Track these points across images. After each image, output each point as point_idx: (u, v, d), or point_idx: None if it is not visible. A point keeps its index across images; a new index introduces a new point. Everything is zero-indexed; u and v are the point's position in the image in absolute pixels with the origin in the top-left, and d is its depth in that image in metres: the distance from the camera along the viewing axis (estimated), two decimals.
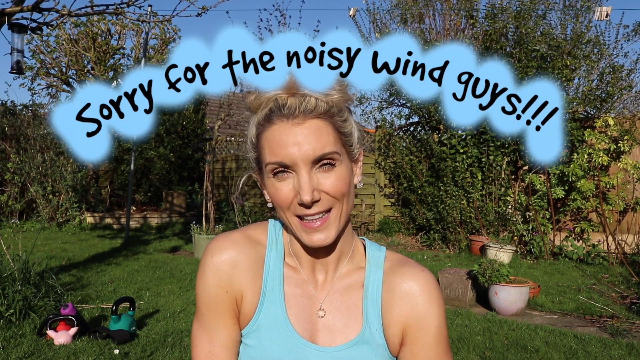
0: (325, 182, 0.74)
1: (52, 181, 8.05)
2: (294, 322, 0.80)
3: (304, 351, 0.79)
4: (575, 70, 6.02)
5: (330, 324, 0.81)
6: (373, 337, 0.80)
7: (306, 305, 0.81)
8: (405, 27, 7.29)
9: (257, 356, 0.80)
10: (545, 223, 5.75)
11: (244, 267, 0.81)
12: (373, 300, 0.81)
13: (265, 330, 0.80)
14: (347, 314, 0.81)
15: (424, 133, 7.04)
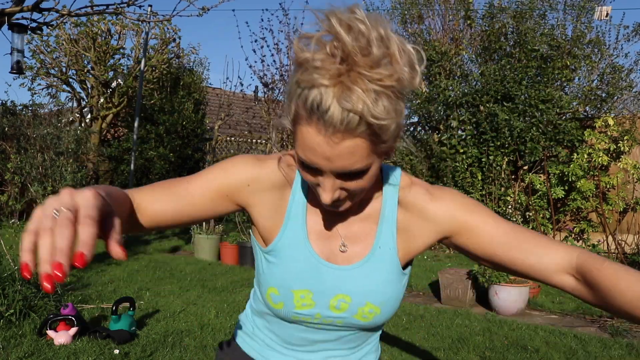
0: (351, 184, 0.75)
1: (52, 181, 8.05)
2: (315, 245, 0.87)
3: (322, 269, 0.86)
4: (575, 70, 6.02)
5: (350, 247, 0.88)
6: (385, 255, 0.87)
7: (325, 232, 0.88)
8: (405, 28, 7.29)
9: (278, 272, 0.87)
10: (545, 223, 5.75)
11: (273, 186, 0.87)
12: (388, 224, 0.87)
13: (287, 251, 0.86)
14: (363, 237, 0.88)
15: (424, 133, 7.04)
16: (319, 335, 0.95)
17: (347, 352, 1.00)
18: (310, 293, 0.87)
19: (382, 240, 0.87)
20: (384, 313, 0.90)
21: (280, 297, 0.88)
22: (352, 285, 0.87)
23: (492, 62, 6.42)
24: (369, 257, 0.87)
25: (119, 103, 9.98)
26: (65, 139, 8.33)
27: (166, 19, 4.57)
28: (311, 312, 0.89)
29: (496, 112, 5.90)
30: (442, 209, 0.85)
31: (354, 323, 0.91)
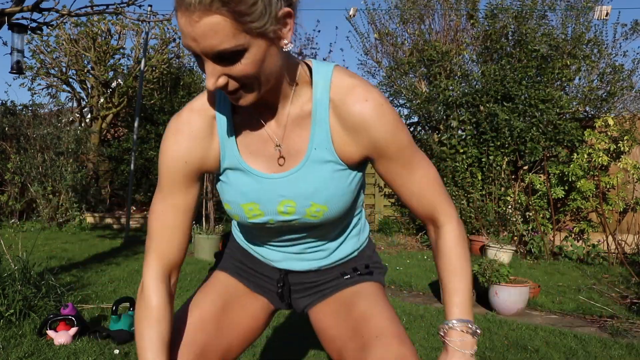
0: (232, 69, 0.77)
1: (52, 181, 8.05)
2: (251, 162, 0.94)
3: (262, 182, 0.94)
4: (575, 70, 6.02)
5: (285, 155, 0.93)
6: (321, 155, 0.91)
7: (260, 146, 0.94)
8: (405, 28, 7.29)
9: (228, 189, 0.97)
10: (545, 223, 5.75)
11: (199, 137, 0.93)
12: (321, 125, 0.90)
13: (230, 171, 0.96)
14: (299, 141, 0.92)
15: (424, 133, 7.04)
16: (288, 235, 1.04)
17: (324, 241, 1.07)
18: (256, 204, 0.96)
19: (317, 141, 0.91)
20: (333, 209, 0.95)
21: (233, 210, 0.98)
22: (292, 190, 0.93)
23: (492, 62, 6.42)
24: (305, 161, 0.92)
25: (119, 103, 9.97)
26: (65, 139, 8.33)
27: (166, 18, 4.57)
28: (264, 220, 0.98)
29: (496, 112, 5.90)
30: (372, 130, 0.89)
31: (308, 222, 0.98)
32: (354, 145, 0.91)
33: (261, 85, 0.81)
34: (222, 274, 1.15)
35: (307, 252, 1.08)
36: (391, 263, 5.32)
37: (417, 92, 6.87)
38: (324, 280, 1.11)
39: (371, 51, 7.52)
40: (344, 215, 1.01)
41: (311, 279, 1.12)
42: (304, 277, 1.12)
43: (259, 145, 0.94)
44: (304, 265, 1.10)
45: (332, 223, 1.03)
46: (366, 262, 1.14)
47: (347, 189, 0.95)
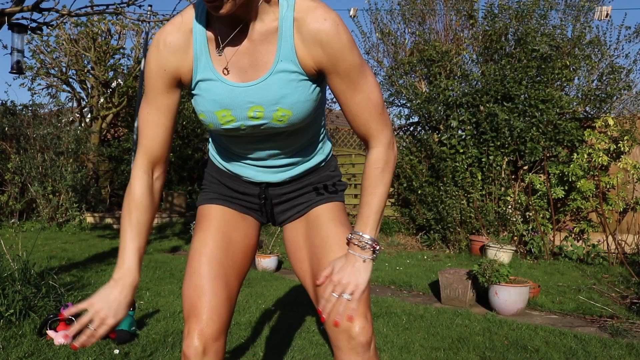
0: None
1: (52, 181, 8.05)
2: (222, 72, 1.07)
3: (233, 91, 1.06)
4: (575, 70, 6.02)
5: (254, 66, 1.06)
6: (286, 66, 1.04)
7: (232, 61, 1.06)
8: (407, 28, 7.30)
9: (202, 100, 1.09)
10: (545, 223, 5.75)
11: (176, 49, 1.06)
12: (286, 39, 1.03)
13: (203, 83, 1.07)
14: (266, 54, 1.05)
15: (424, 133, 7.04)
16: (260, 145, 1.17)
17: (292, 157, 1.22)
18: (229, 111, 1.08)
19: (282, 54, 1.03)
20: (296, 114, 1.08)
21: (208, 119, 1.10)
22: (260, 96, 1.06)
23: (492, 62, 6.42)
24: (271, 71, 1.04)
25: (119, 103, 9.97)
26: (65, 139, 8.33)
27: (166, 18, 4.57)
28: (236, 125, 1.10)
29: (496, 112, 5.90)
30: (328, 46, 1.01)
31: (275, 126, 1.10)
32: (313, 58, 1.04)
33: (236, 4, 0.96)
34: (211, 207, 1.29)
35: (277, 166, 1.22)
36: (391, 263, 5.32)
37: (417, 92, 6.87)
38: (299, 193, 1.27)
39: (372, 51, 7.52)
40: (306, 124, 1.15)
41: (288, 190, 1.27)
42: (281, 189, 1.27)
43: (230, 58, 1.06)
44: (277, 177, 1.24)
45: (296, 133, 1.16)
46: (332, 180, 1.30)
47: (309, 97, 1.08)
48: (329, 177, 1.30)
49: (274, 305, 3.42)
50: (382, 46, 7.45)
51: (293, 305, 3.42)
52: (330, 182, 1.30)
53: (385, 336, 2.78)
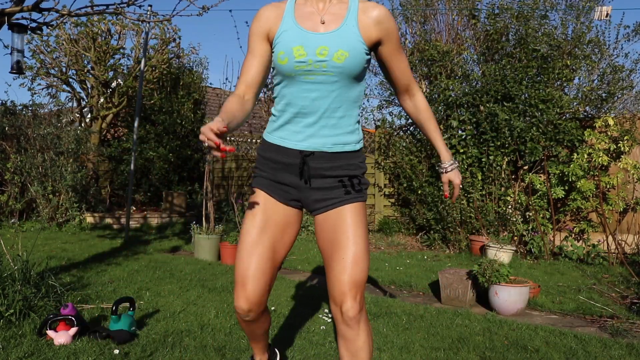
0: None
1: (52, 181, 8.05)
2: (302, 24, 1.55)
3: (308, 35, 1.53)
4: (575, 70, 6.01)
5: (325, 26, 1.55)
6: (350, 28, 1.53)
7: (312, 18, 1.56)
8: (408, 28, 7.29)
9: (284, 42, 1.54)
10: (545, 223, 5.75)
11: (272, 16, 1.59)
12: (352, 14, 1.55)
13: (286, 32, 1.55)
14: (336, 20, 1.55)
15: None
16: (315, 92, 1.54)
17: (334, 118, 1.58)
18: (302, 47, 1.51)
19: (348, 21, 1.54)
20: (352, 57, 1.51)
21: (285, 54, 1.52)
22: (328, 41, 1.51)
23: (492, 62, 6.42)
24: (339, 29, 1.53)
25: (118, 103, 9.97)
26: (65, 139, 8.32)
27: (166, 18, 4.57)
28: (305, 59, 1.51)
29: (496, 112, 5.90)
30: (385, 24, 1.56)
31: (334, 64, 1.51)
32: (373, 33, 1.55)
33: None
34: (262, 193, 1.64)
35: (317, 126, 1.57)
36: (391, 263, 5.32)
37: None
38: (331, 183, 1.60)
39: None
40: (355, 77, 1.56)
41: (325, 165, 1.59)
42: (318, 163, 1.59)
43: (309, 18, 1.56)
44: (316, 142, 1.58)
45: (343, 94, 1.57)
46: (360, 170, 1.64)
47: (362, 56, 1.54)
48: (357, 167, 1.62)
49: (274, 305, 3.42)
50: None
51: (293, 305, 3.42)
52: (358, 172, 1.63)
53: (385, 336, 2.78)
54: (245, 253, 1.57)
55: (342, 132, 1.59)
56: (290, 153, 1.60)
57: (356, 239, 1.54)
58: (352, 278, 1.52)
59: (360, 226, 1.57)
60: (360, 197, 1.61)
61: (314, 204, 1.62)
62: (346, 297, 1.51)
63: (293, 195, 1.63)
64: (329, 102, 1.55)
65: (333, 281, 1.55)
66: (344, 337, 1.56)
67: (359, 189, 1.61)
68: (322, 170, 1.59)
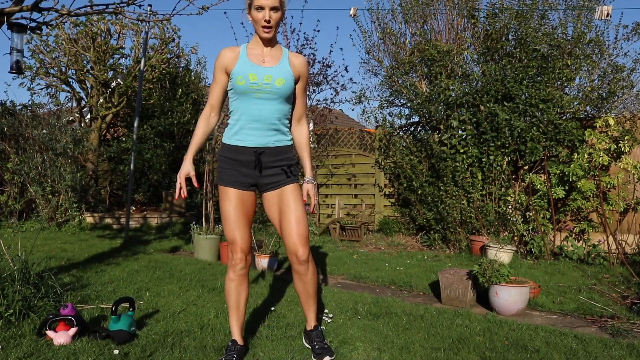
0: (273, 15, 2.24)
1: (52, 181, 8.04)
2: (253, 61, 2.29)
3: (258, 68, 2.27)
4: (576, 70, 6.00)
5: (268, 62, 2.30)
6: (285, 66, 2.32)
7: (258, 57, 2.30)
8: (408, 28, 7.28)
9: (241, 71, 2.25)
10: (545, 223, 5.74)
11: (229, 57, 2.29)
12: (285, 59, 2.33)
13: (241, 67, 2.27)
14: (276, 60, 2.32)
15: (424, 133, 7.03)
16: (263, 104, 2.27)
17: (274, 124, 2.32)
18: (254, 74, 2.25)
19: (283, 62, 2.32)
20: (286, 85, 2.28)
21: (243, 78, 2.25)
22: (271, 71, 2.27)
23: (493, 62, 6.41)
24: (278, 66, 2.30)
25: (118, 103, 9.96)
26: (64, 139, 8.31)
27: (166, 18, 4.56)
28: (256, 81, 2.25)
29: (497, 111, 5.89)
30: (303, 65, 2.37)
31: (275, 87, 2.26)
32: (296, 72, 2.34)
33: (276, 28, 2.28)
34: (227, 189, 2.33)
35: (263, 129, 2.29)
36: (391, 263, 5.31)
37: (417, 91, 6.86)
38: (277, 171, 2.34)
39: (373, 50, 7.51)
40: (285, 101, 2.32)
41: (272, 160, 2.32)
42: (267, 157, 2.31)
43: (256, 57, 2.30)
44: (264, 141, 2.30)
45: (279, 106, 2.31)
46: (294, 161, 2.39)
47: (291, 82, 2.31)
48: (291, 159, 2.39)
49: (274, 305, 3.42)
50: (383, 45, 7.44)
51: (293, 305, 3.41)
52: (293, 164, 2.38)
53: (385, 336, 2.78)
54: (230, 222, 2.32)
55: (281, 133, 2.35)
56: (246, 151, 2.30)
57: (297, 206, 2.31)
58: (299, 232, 2.28)
59: (299, 199, 2.33)
60: (295, 179, 2.37)
61: (264, 186, 2.36)
62: (297, 247, 2.28)
63: (250, 182, 2.34)
64: (271, 110, 2.28)
65: (286, 237, 2.30)
66: (297, 272, 2.36)
67: (295, 174, 2.38)
68: (272, 166, 2.33)
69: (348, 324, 3.01)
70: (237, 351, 2.34)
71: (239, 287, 2.37)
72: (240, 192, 2.32)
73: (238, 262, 2.33)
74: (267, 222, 8.21)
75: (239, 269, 2.35)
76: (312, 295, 2.42)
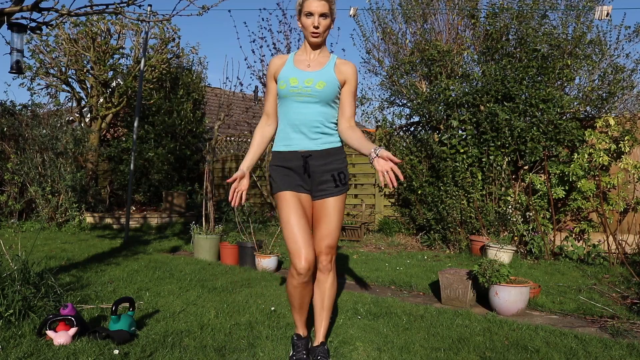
0: (323, 21, 2.24)
1: (52, 181, 8.04)
2: (297, 67, 2.31)
3: (300, 72, 2.28)
4: (576, 70, 6.00)
5: (313, 67, 2.29)
6: (329, 71, 2.28)
7: (304, 62, 2.32)
8: (408, 28, 7.28)
9: (285, 75, 2.29)
10: (545, 223, 5.74)
11: (277, 65, 2.36)
12: (330, 64, 2.30)
13: (286, 71, 2.31)
14: (321, 65, 2.30)
15: (424, 133, 7.03)
16: (306, 109, 2.25)
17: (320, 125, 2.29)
18: (295, 78, 2.26)
19: (328, 66, 2.29)
20: (328, 88, 2.25)
21: (285, 81, 2.27)
22: (313, 75, 2.26)
23: (493, 62, 6.41)
24: (321, 70, 2.27)
25: (118, 103, 9.96)
26: (64, 139, 8.31)
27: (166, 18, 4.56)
28: (297, 85, 2.25)
29: (497, 111, 5.89)
30: (351, 72, 2.30)
31: (316, 89, 2.24)
32: (341, 76, 2.30)
33: (325, 34, 2.28)
34: (284, 192, 2.28)
35: (307, 133, 2.27)
36: (391, 263, 5.31)
37: (417, 91, 6.86)
38: (326, 178, 2.29)
39: (373, 50, 7.51)
40: (329, 101, 2.27)
41: (320, 163, 2.29)
42: (315, 161, 2.28)
43: (302, 63, 2.32)
44: (309, 144, 2.28)
45: (323, 109, 2.28)
46: (344, 164, 2.34)
47: (336, 86, 2.27)
48: (341, 162, 2.34)
49: (274, 305, 3.42)
50: (383, 45, 7.43)
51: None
52: (343, 169, 2.33)
53: (385, 336, 2.78)
54: (294, 229, 2.21)
55: (328, 135, 2.31)
56: (294, 156, 2.29)
57: (336, 218, 2.32)
58: (328, 244, 2.30)
59: (339, 211, 2.32)
60: (344, 189, 2.33)
61: (314, 193, 2.33)
62: (322, 255, 2.31)
63: (304, 187, 2.32)
64: (315, 113, 2.26)
65: (315, 245, 2.30)
66: (318, 280, 2.36)
67: (344, 182, 2.33)
68: (320, 171, 2.29)
69: (348, 324, 3.01)
70: (303, 346, 2.39)
71: (302, 292, 2.28)
72: (296, 194, 2.27)
73: (302, 272, 2.18)
74: (267, 222, 8.20)
75: (302, 277, 2.20)
76: (327, 308, 2.35)
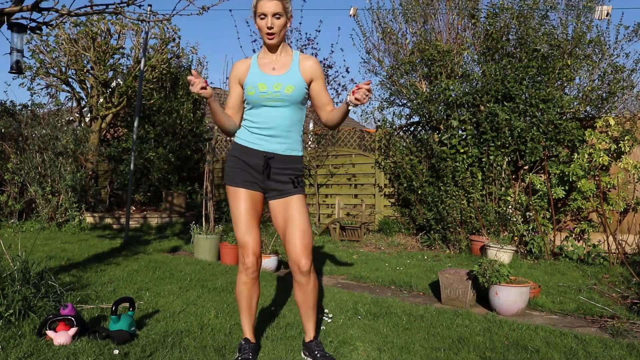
0: (275, 22, 2.25)
1: (52, 181, 8.04)
2: (263, 70, 2.31)
3: (267, 77, 2.30)
4: (576, 70, 6.00)
5: (278, 69, 2.31)
6: (295, 72, 2.30)
7: (268, 65, 2.32)
8: (408, 28, 7.28)
9: (252, 80, 2.30)
10: (545, 223, 5.74)
11: (242, 69, 2.36)
12: (295, 65, 2.32)
13: (253, 76, 2.31)
14: (286, 68, 2.31)
15: (424, 133, 7.03)
16: (274, 111, 2.29)
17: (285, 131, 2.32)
18: (264, 83, 2.27)
19: (293, 67, 2.31)
20: (296, 92, 2.28)
21: (253, 87, 2.28)
22: (281, 79, 2.28)
23: (493, 62, 6.41)
24: (288, 73, 2.30)
25: (118, 103, 9.96)
26: (64, 139, 8.31)
27: (166, 18, 4.56)
28: (266, 90, 2.27)
29: (497, 111, 5.89)
30: (315, 67, 2.33)
31: (285, 94, 2.27)
32: (308, 75, 2.32)
33: (281, 34, 2.27)
34: (238, 189, 2.34)
35: (275, 136, 2.30)
36: (391, 263, 5.31)
37: (417, 91, 6.86)
38: (285, 179, 2.33)
39: (373, 50, 7.51)
40: (299, 102, 2.32)
41: (280, 167, 2.32)
42: (276, 164, 2.32)
43: (267, 66, 2.32)
44: (274, 147, 2.31)
45: (291, 114, 2.32)
46: (301, 172, 2.38)
47: (304, 88, 2.31)
48: (299, 170, 2.38)
49: (274, 305, 3.42)
50: (383, 45, 7.43)
51: (293, 304, 3.41)
52: (300, 175, 2.38)
53: (385, 336, 2.78)
54: (242, 225, 2.31)
55: (292, 142, 2.35)
56: (256, 154, 2.32)
57: (302, 218, 2.31)
58: (303, 244, 2.27)
59: (304, 210, 2.33)
60: (301, 190, 2.37)
61: (271, 192, 2.37)
62: (301, 258, 2.27)
63: (259, 185, 2.36)
64: (282, 117, 2.30)
65: (290, 248, 2.29)
66: (299, 283, 2.33)
67: (301, 185, 2.38)
68: (279, 173, 2.33)
69: (348, 324, 3.01)
70: (251, 349, 2.37)
71: (251, 289, 2.36)
72: (250, 192, 2.33)
73: (250, 266, 2.30)
74: (267, 222, 8.21)
75: (251, 272, 2.32)
76: (312, 307, 2.39)
